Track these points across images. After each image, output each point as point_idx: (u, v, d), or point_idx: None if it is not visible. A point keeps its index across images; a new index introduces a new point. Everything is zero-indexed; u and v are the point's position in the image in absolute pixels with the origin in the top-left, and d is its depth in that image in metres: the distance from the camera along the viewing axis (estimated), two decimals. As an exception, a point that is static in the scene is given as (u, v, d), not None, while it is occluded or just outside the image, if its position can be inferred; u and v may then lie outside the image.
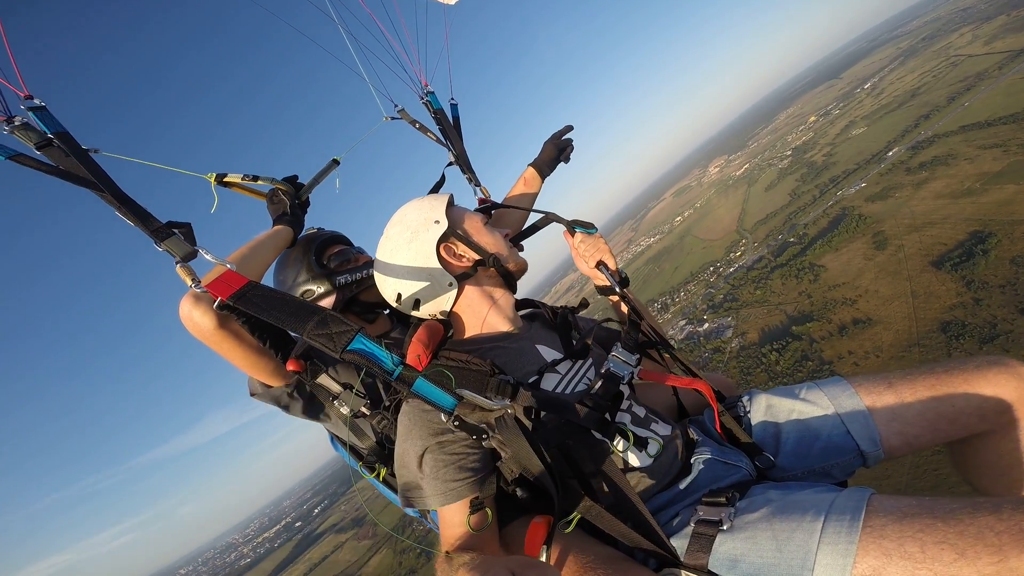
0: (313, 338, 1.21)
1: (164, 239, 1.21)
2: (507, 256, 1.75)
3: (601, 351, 1.78)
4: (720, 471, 1.53)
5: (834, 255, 67.09)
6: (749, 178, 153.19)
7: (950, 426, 1.45)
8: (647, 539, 1.28)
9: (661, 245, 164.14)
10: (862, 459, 1.54)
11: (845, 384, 1.62)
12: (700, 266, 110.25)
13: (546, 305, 1.94)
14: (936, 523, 1.00)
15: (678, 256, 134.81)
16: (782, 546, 1.13)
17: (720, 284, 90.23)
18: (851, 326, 50.78)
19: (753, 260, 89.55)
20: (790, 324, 58.89)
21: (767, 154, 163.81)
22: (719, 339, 69.06)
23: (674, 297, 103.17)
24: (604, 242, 1.93)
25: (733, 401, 1.81)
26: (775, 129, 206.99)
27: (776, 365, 53.16)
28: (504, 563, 0.95)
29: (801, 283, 66.65)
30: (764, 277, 77.10)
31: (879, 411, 1.52)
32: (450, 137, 2.44)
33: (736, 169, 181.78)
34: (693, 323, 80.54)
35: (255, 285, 1.26)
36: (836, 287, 59.46)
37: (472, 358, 1.45)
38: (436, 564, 1.30)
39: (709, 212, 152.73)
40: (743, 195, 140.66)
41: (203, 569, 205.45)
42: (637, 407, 1.64)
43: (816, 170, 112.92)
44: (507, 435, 1.33)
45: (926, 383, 1.49)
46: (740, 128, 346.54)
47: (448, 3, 2.62)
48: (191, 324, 1.46)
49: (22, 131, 1.20)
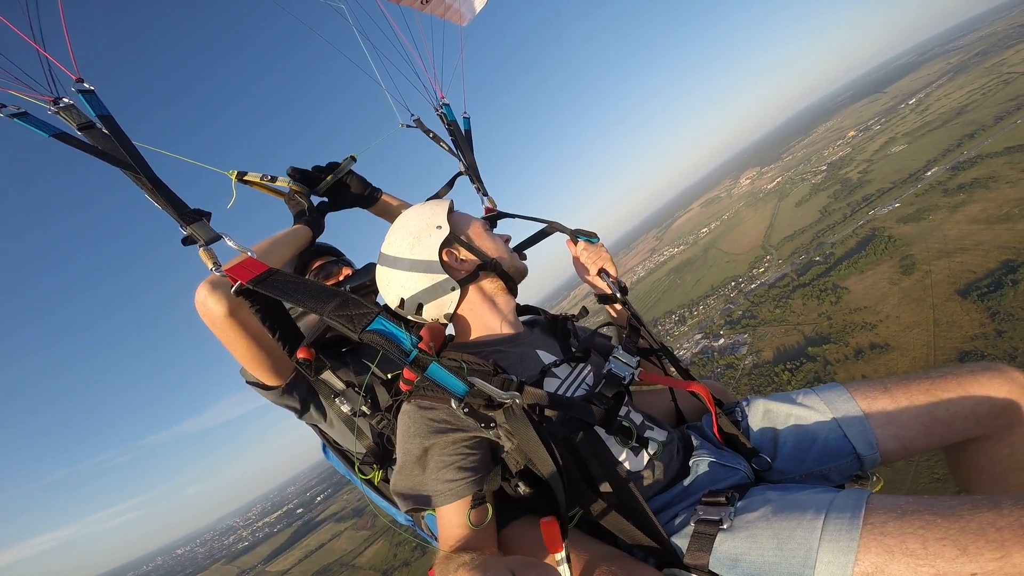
0: (334, 318, 1.21)
1: (191, 222, 1.26)
2: (508, 261, 1.78)
3: (599, 359, 1.78)
4: (718, 473, 1.54)
5: (859, 277, 65.18)
6: (780, 192, 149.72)
7: (945, 430, 1.45)
8: (649, 537, 1.29)
9: (685, 256, 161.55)
10: (859, 462, 1.55)
11: (842, 389, 1.63)
12: (722, 280, 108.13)
13: (546, 312, 2.00)
14: (937, 520, 0.99)
15: (701, 268, 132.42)
16: (783, 544, 1.13)
17: (740, 300, 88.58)
18: (867, 351, 49.32)
19: (776, 277, 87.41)
20: (806, 345, 57.56)
21: (801, 168, 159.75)
22: (733, 355, 67.91)
23: (692, 310, 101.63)
24: (606, 251, 1.98)
25: (731, 407, 1.81)
26: (812, 142, 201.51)
27: (787, 385, 51.60)
28: (504, 563, 0.95)
29: (822, 304, 64.99)
30: (785, 296, 75.40)
31: (875, 415, 1.53)
32: (461, 148, 2.53)
33: (768, 182, 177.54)
34: (709, 337, 79.15)
35: (275, 271, 1.28)
36: (857, 310, 57.85)
37: (475, 359, 1.47)
38: (435, 564, 1.29)
39: (736, 225, 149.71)
40: (772, 209, 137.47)
41: (200, 550, 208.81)
42: (634, 414, 1.64)
43: (850, 187, 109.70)
44: (514, 424, 1.31)
45: (921, 388, 1.50)
46: (776, 140, 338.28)
47: (460, 24, 2.80)
48: (203, 309, 1.53)
49: (66, 112, 1.27)
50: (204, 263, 1.27)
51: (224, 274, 1.26)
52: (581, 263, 1.99)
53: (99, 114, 1.30)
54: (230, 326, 1.56)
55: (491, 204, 2.43)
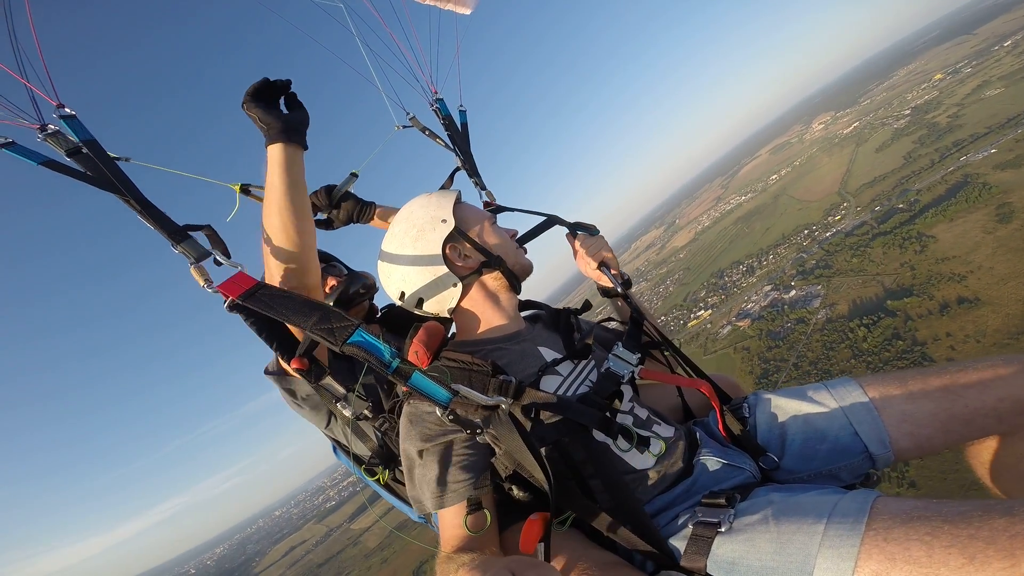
0: (315, 332, 1.23)
1: (180, 242, 1.27)
2: (513, 258, 1.76)
3: (604, 353, 1.77)
4: (723, 473, 1.52)
5: (947, 225, 61.34)
6: (858, 137, 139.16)
7: (964, 427, 1.41)
8: (644, 541, 1.27)
9: (753, 204, 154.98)
10: (871, 461, 1.51)
11: (854, 384, 1.59)
12: (794, 228, 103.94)
13: (548, 306, 1.97)
14: (944, 526, 0.95)
15: (770, 217, 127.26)
16: (782, 549, 1.10)
17: (814, 249, 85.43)
18: (955, 305, 47.17)
19: (854, 225, 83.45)
20: (886, 298, 55.61)
21: (881, 112, 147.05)
22: (805, 308, 66.63)
23: (761, 260, 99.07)
24: (606, 244, 1.96)
25: (738, 402, 1.78)
26: (892, 86, 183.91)
27: (863, 342, 51.03)
28: (504, 563, 0.95)
29: (905, 253, 61.93)
30: (864, 244, 72.10)
31: (889, 412, 1.48)
32: (458, 142, 2.48)
33: (844, 127, 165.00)
34: (779, 289, 77.70)
35: (263, 285, 1.30)
36: (945, 260, 54.85)
37: (474, 359, 1.47)
38: (437, 565, 1.32)
39: (809, 171, 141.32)
40: (850, 155, 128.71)
41: (294, 511, 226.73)
42: (639, 408, 1.64)
43: (938, 132, 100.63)
44: (500, 430, 1.32)
45: (939, 383, 1.45)
46: (851, 83, 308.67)
47: (464, 12, 2.63)
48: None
49: (53, 139, 1.27)
50: (196, 280, 1.27)
51: (216, 291, 1.26)
52: (581, 257, 1.96)
53: (83, 139, 1.30)
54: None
55: (490, 198, 2.40)
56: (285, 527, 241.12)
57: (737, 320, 77.56)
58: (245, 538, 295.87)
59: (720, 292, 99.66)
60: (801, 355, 57.91)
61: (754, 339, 68.87)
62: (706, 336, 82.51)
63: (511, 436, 1.31)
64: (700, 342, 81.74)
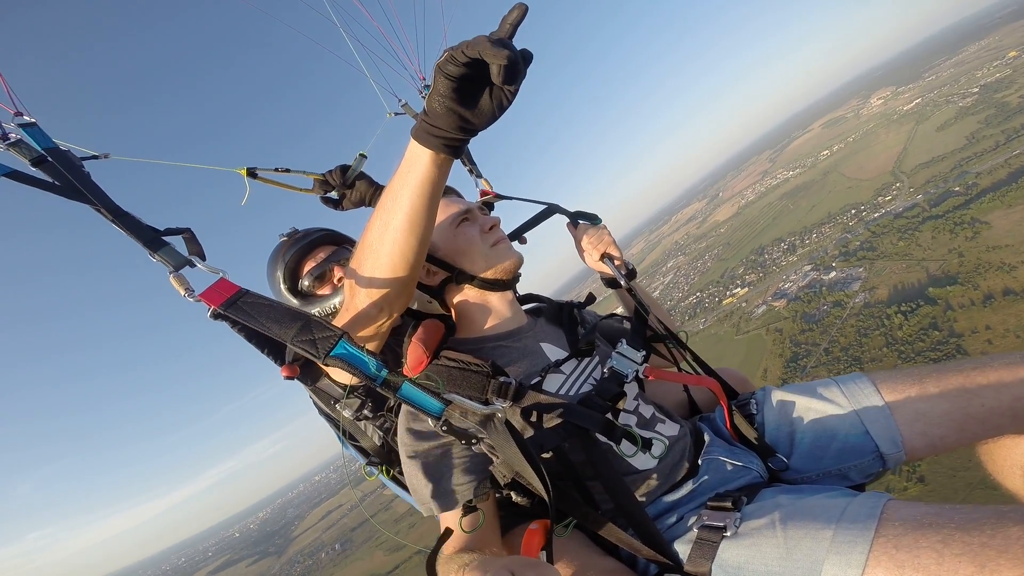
0: (296, 345, 1.15)
1: (157, 249, 1.18)
2: (482, 261, 1.60)
3: (608, 347, 1.71)
4: (730, 473, 1.48)
5: (1004, 212, 58.64)
6: (919, 114, 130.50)
7: (980, 427, 1.34)
8: (647, 545, 1.24)
9: (800, 180, 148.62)
10: (882, 461, 1.46)
11: (866, 381, 1.53)
12: (841, 207, 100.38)
13: (550, 300, 1.92)
14: (956, 533, 0.91)
15: (818, 194, 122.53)
16: (789, 554, 1.07)
17: (859, 230, 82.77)
18: (999, 296, 45.71)
19: (905, 207, 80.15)
20: (928, 285, 54.09)
21: (946, 89, 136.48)
22: (843, 291, 65.42)
23: (804, 239, 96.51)
24: (608, 233, 1.89)
25: (746, 398, 1.74)
26: (961, 62, 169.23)
27: (898, 330, 50.11)
28: (504, 563, 0.93)
29: (956, 239, 59.54)
30: (913, 228, 69.60)
31: (902, 411, 1.43)
32: None
33: (905, 103, 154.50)
34: (819, 269, 76.16)
35: (245, 292, 1.20)
36: (996, 248, 52.63)
37: (473, 359, 1.43)
38: (438, 565, 1.28)
39: (863, 148, 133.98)
40: (908, 133, 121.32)
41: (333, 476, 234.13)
42: (644, 406, 1.59)
43: (1007, 112, 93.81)
44: (496, 439, 1.25)
45: (955, 381, 1.38)
46: (915, 57, 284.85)
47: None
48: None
49: (17, 148, 1.19)
50: (176, 290, 1.16)
51: (199, 300, 1.16)
52: (583, 247, 1.88)
53: (45, 147, 1.22)
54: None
55: (486, 186, 2.30)
56: (324, 492, 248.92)
57: (773, 300, 76.53)
58: (286, 502, 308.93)
59: (759, 269, 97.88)
60: (833, 340, 57.21)
61: (788, 320, 68.04)
62: (740, 315, 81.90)
63: (507, 446, 1.24)
64: (733, 321, 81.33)
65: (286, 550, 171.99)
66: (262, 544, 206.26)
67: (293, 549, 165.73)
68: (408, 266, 1.27)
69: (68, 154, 1.26)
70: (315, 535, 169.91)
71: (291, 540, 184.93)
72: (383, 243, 1.24)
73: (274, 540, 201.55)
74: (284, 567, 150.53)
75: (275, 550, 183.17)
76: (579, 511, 1.32)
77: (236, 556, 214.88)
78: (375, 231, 1.24)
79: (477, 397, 1.36)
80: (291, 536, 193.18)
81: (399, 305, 1.38)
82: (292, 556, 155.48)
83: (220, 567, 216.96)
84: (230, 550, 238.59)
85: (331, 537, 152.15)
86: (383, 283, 1.28)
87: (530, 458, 1.24)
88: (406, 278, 1.30)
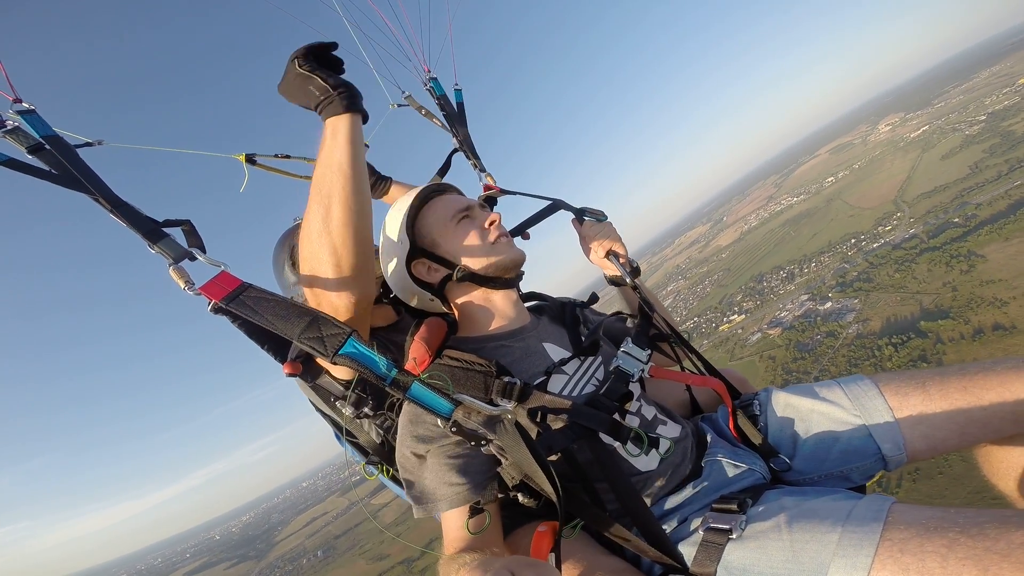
0: (303, 342, 1.13)
1: (157, 241, 1.15)
2: (482, 258, 1.58)
3: (611, 347, 1.69)
4: (732, 474, 1.48)
5: (1001, 245, 58.13)
6: (925, 142, 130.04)
7: (981, 430, 1.34)
8: (653, 546, 1.23)
9: (804, 206, 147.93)
10: (883, 463, 1.46)
11: (869, 383, 1.52)
12: (842, 236, 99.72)
13: (553, 298, 1.90)
14: (961, 538, 0.92)
15: (820, 221, 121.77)
16: (794, 557, 1.07)
17: (857, 260, 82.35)
18: (988, 331, 45.33)
19: (903, 238, 79.64)
20: (920, 318, 53.74)
21: (954, 116, 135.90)
22: (837, 322, 65.01)
23: (803, 267, 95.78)
24: (614, 230, 1.88)
25: (749, 399, 1.74)
26: (971, 88, 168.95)
27: (887, 361, 49.58)
28: (504, 563, 0.93)
29: (950, 272, 59.26)
30: (910, 259, 69.27)
31: (904, 413, 1.43)
32: (454, 123, 2.40)
33: (912, 130, 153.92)
34: (815, 299, 75.66)
35: (248, 286, 1.17)
36: (989, 283, 52.32)
37: (476, 358, 1.41)
38: (439, 565, 1.25)
39: (868, 176, 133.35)
40: (913, 161, 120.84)
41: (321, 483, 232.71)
42: (647, 407, 1.58)
43: (1012, 141, 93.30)
44: (506, 441, 1.23)
45: (958, 384, 1.37)
46: (926, 83, 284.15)
47: None
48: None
49: (13, 136, 1.18)
50: (176, 283, 1.13)
51: (199, 293, 1.14)
52: (588, 244, 1.88)
53: (44, 135, 1.20)
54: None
55: (490, 181, 2.28)
56: (310, 498, 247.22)
57: (768, 328, 75.94)
58: (271, 507, 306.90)
59: (757, 297, 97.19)
60: (824, 369, 56.52)
61: (781, 349, 67.48)
62: (735, 341, 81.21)
63: (518, 448, 1.22)
64: (728, 347, 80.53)
65: (267, 555, 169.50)
66: (243, 548, 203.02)
67: (274, 554, 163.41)
68: (357, 234, 1.32)
69: (64, 141, 1.24)
70: (298, 541, 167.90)
71: (273, 545, 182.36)
72: (329, 211, 1.30)
73: (255, 544, 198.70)
74: (263, 572, 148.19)
75: (255, 554, 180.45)
76: (587, 512, 1.30)
77: (215, 559, 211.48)
78: (319, 204, 1.31)
79: (482, 397, 1.34)
80: (273, 541, 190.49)
81: (366, 282, 1.39)
82: (272, 561, 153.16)
83: (197, 569, 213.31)
84: (209, 552, 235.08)
85: (314, 544, 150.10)
86: (344, 253, 1.31)
87: (541, 461, 1.22)
88: (365, 247, 1.35)
